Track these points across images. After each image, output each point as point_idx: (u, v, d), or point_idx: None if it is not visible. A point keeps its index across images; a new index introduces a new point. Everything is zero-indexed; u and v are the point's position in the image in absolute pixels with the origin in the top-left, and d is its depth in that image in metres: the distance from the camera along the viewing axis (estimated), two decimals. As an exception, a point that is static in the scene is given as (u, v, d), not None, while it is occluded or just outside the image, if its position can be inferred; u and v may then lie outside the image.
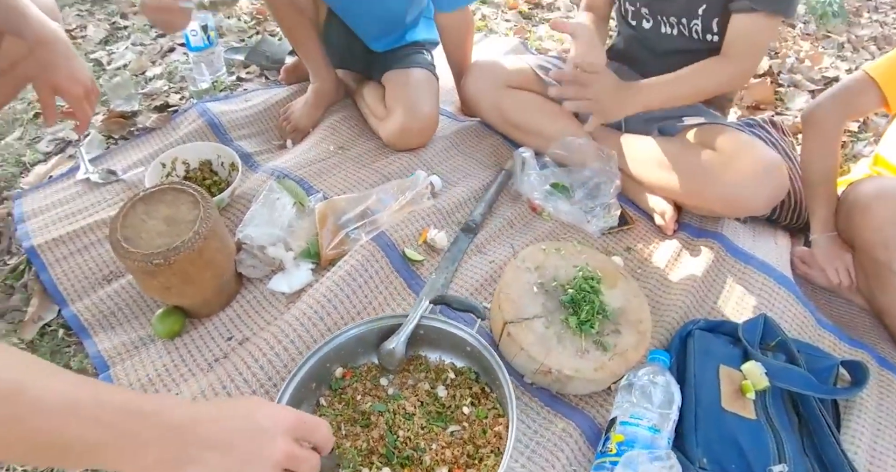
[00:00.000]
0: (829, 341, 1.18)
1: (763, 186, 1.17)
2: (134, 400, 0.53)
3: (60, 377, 0.51)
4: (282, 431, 0.57)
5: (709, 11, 1.25)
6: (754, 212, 1.26)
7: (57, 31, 1.09)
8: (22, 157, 1.54)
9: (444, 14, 1.45)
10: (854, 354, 1.16)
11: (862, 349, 1.18)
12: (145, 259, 0.90)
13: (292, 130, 1.60)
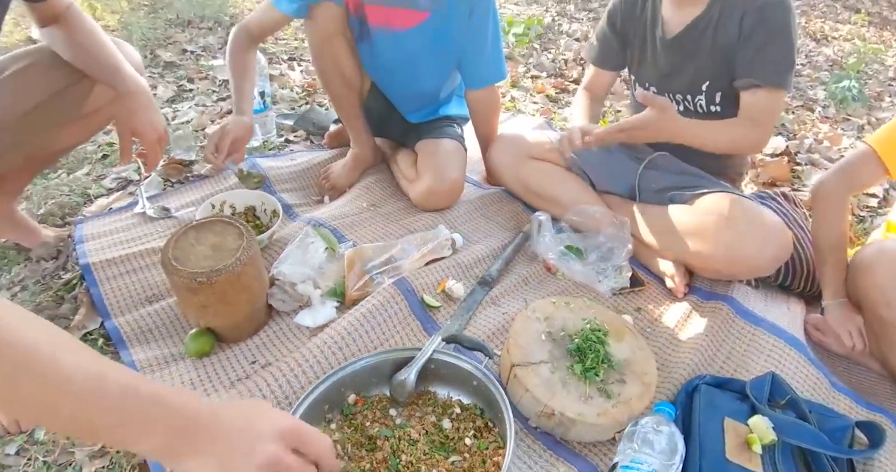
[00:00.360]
0: (845, 405, 1.17)
1: (766, 247, 1.23)
2: (153, 390, 0.58)
3: (89, 356, 0.57)
4: (276, 436, 0.60)
5: (711, 87, 1.38)
6: (759, 272, 1.31)
7: (142, 84, 1.26)
8: (87, 190, 1.71)
9: (473, 91, 1.62)
10: (871, 417, 1.15)
11: (880, 413, 1.16)
12: (190, 277, 1.00)
13: (330, 188, 1.74)
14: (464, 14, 1.45)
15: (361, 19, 1.49)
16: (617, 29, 1.53)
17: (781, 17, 1.27)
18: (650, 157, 1.53)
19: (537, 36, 3.87)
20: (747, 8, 1.28)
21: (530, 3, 5.48)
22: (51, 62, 1.20)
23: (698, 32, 1.35)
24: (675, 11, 1.39)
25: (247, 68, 1.61)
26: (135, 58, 1.34)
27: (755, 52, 1.28)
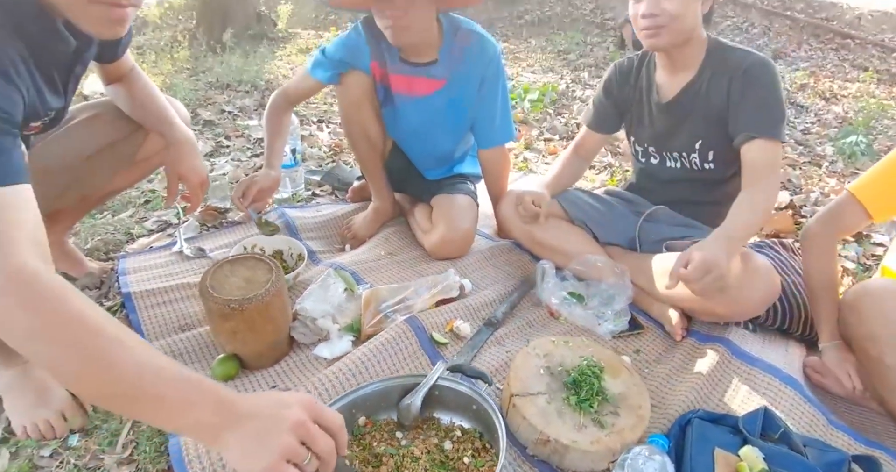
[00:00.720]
0: (843, 441, 1.19)
1: (755, 288, 1.31)
2: (198, 377, 0.72)
3: (153, 350, 0.72)
4: (300, 406, 0.72)
5: (704, 146, 1.50)
6: (749, 313, 1.38)
7: (190, 135, 1.43)
8: (130, 229, 1.87)
9: (484, 150, 1.77)
10: (870, 452, 1.16)
11: (879, 449, 1.18)
12: (224, 303, 1.11)
13: (352, 238, 1.88)
14: (475, 82, 1.63)
15: (386, 87, 1.68)
16: (613, 96, 1.67)
17: (766, 76, 1.39)
18: (649, 210, 1.64)
19: (552, 102, 4.10)
20: (734, 71, 1.40)
21: (546, 71, 5.80)
22: (113, 114, 1.38)
23: (691, 96, 1.49)
24: (668, 77, 1.53)
25: (281, 128, 1.78)
26: (183, 112, 1.53)
27: (746, 109, 1.39)
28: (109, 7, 0.86)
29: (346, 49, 1.64)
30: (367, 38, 1.61)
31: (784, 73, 6.63)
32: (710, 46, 1.47)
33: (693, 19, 1.39)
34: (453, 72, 1.62)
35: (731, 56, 1.43)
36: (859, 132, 3.60)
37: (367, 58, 1.64)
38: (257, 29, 7.13)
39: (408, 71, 1.63)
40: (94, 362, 0.67)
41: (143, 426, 1.13)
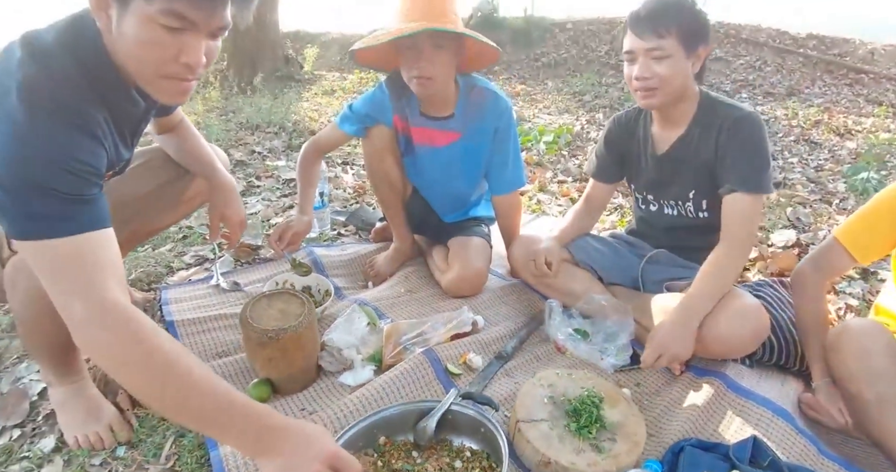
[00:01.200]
0: (834, 471, 1.26)
1: (745, 326, 1.40)
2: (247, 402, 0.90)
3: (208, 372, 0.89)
4: (326, 457, 0.89)
5: (697, 196, 1.62)
6: (742, 350, 1.47)
7: (231, 180, 1.60)
8: (170, 263, 2.05)
9: (497, 196, 1.93)
10: None
11: None
12: (263, 333, 1.26)
13: (374, 275, 2.03)
14: (489, 134, 1.80)
15: (408, 138, 1.85)
16: (613, 148, 1.78)
17: (751, 130, 1.48)
18: (650, 253, 1.76)
19: (566, 143, 4.25)
20: (722, 126, 1.50)
21: (562, 112, 5.99)
22: (162, 159, 1.56)
23: (683, 149, 1.60)
24: (662, 131, 1.65)
25: (313, 176, 1.96)
26: (223, 158, 1.70)
27: (730, 162, 1.48)
28: (178, 82, 1.02)
29: (371, 105, 1.82)
30: (391, 95, 1.79)
31: (798, 110, 6.72)
32: (702, 101, 1.57)
33: (684, 79, 1.49)
34: (469, 125, 1.79)
35: (721, 110, 1.52)
36: (871, 168, 3.63)
37: (391, 112, 1.81)
38: (285, 71, 7.48)
39: (427, 124, 1.80)
40: (170, 389, 0.85)
41: (185, 441, 1.26)
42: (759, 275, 2.24)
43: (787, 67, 9.45)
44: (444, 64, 1.61)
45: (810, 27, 10.72)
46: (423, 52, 1.57)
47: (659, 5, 1.46)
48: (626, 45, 1.52)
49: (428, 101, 1.76)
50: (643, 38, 1.45)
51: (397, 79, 1.74)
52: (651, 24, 1.44)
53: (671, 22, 1.43)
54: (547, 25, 10.35)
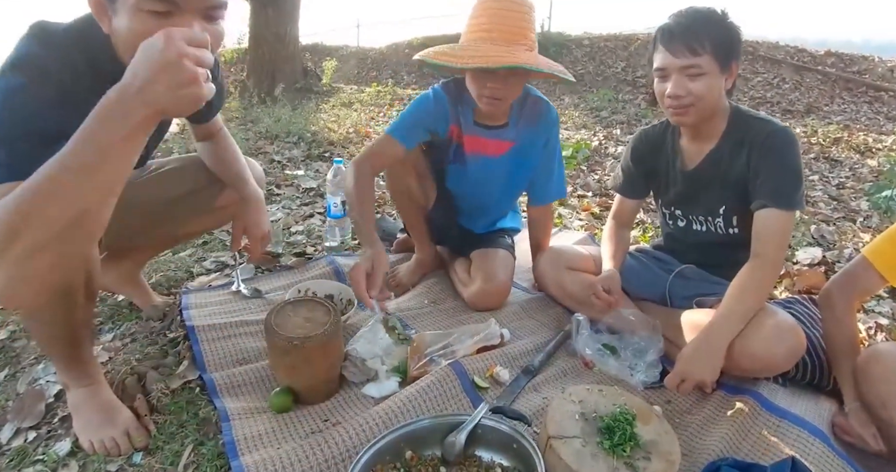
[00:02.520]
0: None
1: (780, 344, 1.35)
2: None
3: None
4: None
5: (728, 211, 1.57)
6: (776, 369, 1.41)
7: (258, 194, 1.58)
8: (191, 268, 2.04)
9: (536, 207, 1.90)
10: None
11: None
12: (287, 340, 1.23)
13: (396, 286, 2.00)
14: (541, 144, 1.78)
15: (459, 146, 1.80)
16: (640, 163, 1.75)
17: (784, 146, 1.44)
18: (679, 268, 1.72)
19: (585, 158, 4.24)
20: (754, 140, 1.46)
21: (580, 128, 5.98)
22: (197, 166, 1.58)
23: (713, 164, 1.56)
24: (692, 146, 1.61)
25: (371, 199, 1.73)
26: (258, 172, 1.70)
27: (763, 178, 1.44)
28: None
29: (426, 113, 1.74)
30: (447, 101, 1.73)
31: (817, 128, 6.67)
32: (732, 115, 1.54)
33: (718, 96, 1.46)
34: (522, 134, 1.76)
35: (753, 125, 1.49)
36: (894, 186, 3.58)
37: (448, 121, 1.75)
38: (304, 83, 7.56)
39: (481, 133, 1.76)
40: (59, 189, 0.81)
41: (204, 449, 1.23)
42: (787, 293, 2.19)
43: (805, 85, 9.41)
44: (515, 85, 1.58)
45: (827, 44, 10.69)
46: (497, 74, 1.52)
47: (692, 21, 1.42)
48: (657, 62, 1.48)
49: (488, 113, 1.71)
50: (677, 56, 1.42)
51: (457, 85, 1.71)
52: (685, 41, 1.40)
53: (705, 38, 1.40)
54: (564, 42, 10.42)
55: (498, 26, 1.49)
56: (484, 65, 1.45)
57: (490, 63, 1.45)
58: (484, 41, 1.49)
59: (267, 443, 1.22)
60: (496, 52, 1.46)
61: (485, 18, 1.51)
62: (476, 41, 1.51)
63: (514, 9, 1.50)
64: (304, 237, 2.39)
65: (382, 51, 11.48)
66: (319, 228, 2.49)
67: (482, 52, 1.47)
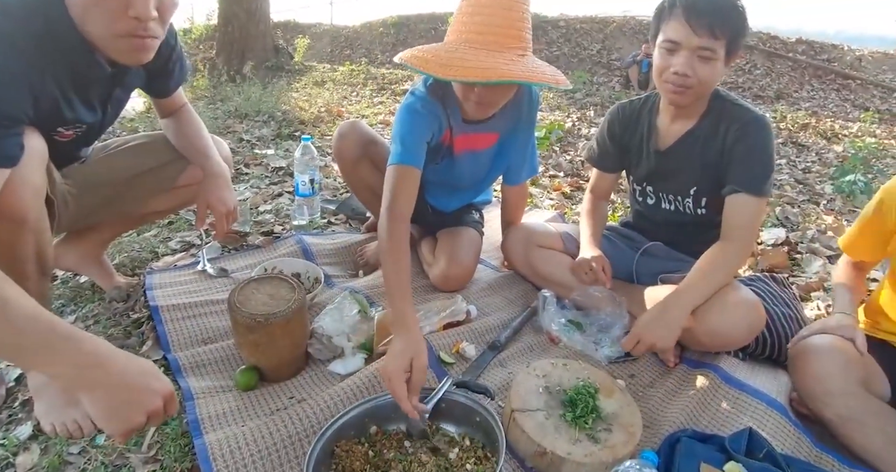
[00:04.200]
0: (828, 463, 1.26)
1: (741, 320, 1.40)
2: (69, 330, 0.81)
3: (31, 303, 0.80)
4: (161, 395, 0.86)
5: (698, 193, 1.59)
6: (736, 343, 1.45)
7: (224, 170, 1.55)
8: (155, 249, 2.00)
9: (509, 187, 1.89)
10: None
11: (862, 471, 1.23)
12: (251, 317, 1.22)
13: (364, 264, 1.99)
14: (523, 127, 1.74)
15: (450, 147, 1.69)
16: (615, 136, 1.73)
17: (760, 134, 1.45)
18: (645, 246, 1.75)
19: (558, 139, 4.24)
20: (731, 126, 1.47)
21: (553, 109, 5.98)
22: (161, 143, 1.55)
23: (688, 145, 1.56)
24: (669, 124, 1.60)
25: (407, 257, 1.40)
26: (225, 150, 1.67)
27: (737, 165, 1.46)
28: (131, 39, 1.08)
29: (426, 127, 1.57)
30: (433, 102, 1.57)
31: (786, 113, 6.79)
32: (713, 99, 1.53)
33: (715, 82, 1.46)
34: (506, 123, 1.71)
35: (732, 111, 1.50)
36: (857, 171, 3.68)
37: (442, 127, 1.61)
38: (275, 61, 7.40)
39: (469, 129, 1.66)
40: None
41: (168, 429, 1.22)
42: (750, 271, 2.24)
43: (776, 71, 9.55)
44: (506, 92, 1.48)
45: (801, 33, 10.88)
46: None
47: (720, 1, 1.39)
48: (670, 33, 1.40)
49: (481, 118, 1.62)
50: (697, 34, 1.37)
51: (441, 88, 1.57)
52: (710, 21, 1.36)
53: (727, 23, 1.37)
54: (539, 23, 10.35)
55: (492, 29, 1.29)
56: (472, 79, 1.26)
57: (479, 77, 1.24)
58: (473, 46, 1.28)
59: (231, 421, 1.21)
60: (487, 62, 1.25)
61: (479, 16, 1.30)
62: (465, 45, 1.30)
63: (512, 6, 1.29)
64: (273, 216, 2.35)
65: (356, 29, 11.28)
66: (288, 206, 2.46)
67: (471, 62, 1.25)
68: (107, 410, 0.83)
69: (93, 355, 0.82)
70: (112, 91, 1.30)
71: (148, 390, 0.86)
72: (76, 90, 1.19)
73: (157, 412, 0.87)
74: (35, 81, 1.06)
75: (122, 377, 0.84)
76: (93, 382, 0.82)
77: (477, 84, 1.34)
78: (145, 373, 0.88)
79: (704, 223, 1.60)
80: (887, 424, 1.27)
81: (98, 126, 1.34)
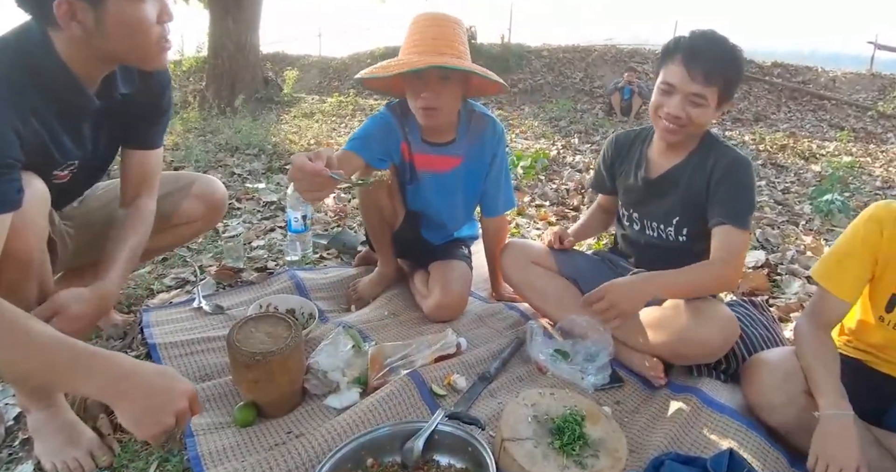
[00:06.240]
0: None
1: (716, 330, 1.48)
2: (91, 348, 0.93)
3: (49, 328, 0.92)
4: (186, 396, 0.97)
5: (680, 223, 1.68)
6: (713, 354, 1.53)
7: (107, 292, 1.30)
8: (151, 285, 2.04)
9: (488, 219, 1.97)
10: None
11: None
12: (250, 355, 1.27)
13: (357, 299, 2.04)
14: (488, 158, 1.86)
15: (412, 165, 1.86)
16: (608, 164, 1.87)
17: (743, 173, 1.57)
18: (631, 272, 1.82)
19: (543, 168, 4.34)
20: (717, 164, 1.58)
21: (538, 138, 6.12)
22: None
23: (675, 178, 1.67)
24: (659, 156, 1.71)
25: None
26: (220, 190, 1.69)
27: (723, 199, 1.56)
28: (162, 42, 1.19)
29: (378, 129, 1.78)
30: (393, 121, 1.80)
31: (765, 135, 6.98)
32: (704, 137, 1.65)
33: (707, 124, 1.59)
34: (469, 150, 1.84)
35: (720, 151, 1.62)
36: (835, 190, 3.79)
37: (398, 138, 1.81)
38: (264, 93, 7.53)
39: (429, 150, 1.83)
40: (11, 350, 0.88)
41: (170, 466, 1.25)
42: (731, 295, 2.32)
43: (754, 94, 9.83)
44: (449, 95, 1.65)
45: (776, 55, 11.21)
46: (428, 83, 1.60)
47: (719, 51, 1.49)
48: (669, 77, 1.53)
49: (431, 129, 1.78)
50: (694, 80, 1.48)
51: (402, 106, 1.77)
52: (706, 68, 1.47)
53: (722, 72, 1.48)
54: (523, 53, 10.63)
55: (427, 41, 1.59)
56: (407, 68, 1.54)
57: (413, 66, 1.53)
58: (412, 54, 1.59)
59: (231, 457, 1.25)
60: (421, 58, 1.55)
61: (417, 35, 1.62)
62: (406, 56, 1.61)
63: (441, 23, 1.62)
64: (265, 252, 2.41)
65: (345, 60, 11.49)
66: (280, 242, 2.52)
67: (408, 60, 1.57)
68: (139, 415, 0.93)
69: (122, 367, 0.93)
70: (102, 123, 1.32)
71: (174, 391, 0.95)
72: (63, 126, 1.21)
73: (184, 412, 0.96)
74: (18, 124, 1.08)
75: (151, 383, 0.94)
76: (126, 391, 0.92)
77: (406, 72, 1.56)
78: (168, 376, 0.98)
79: (685, 250, 1.69)
80: None
81: (92, 162, 1.35)
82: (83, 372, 0.91)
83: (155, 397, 0.94)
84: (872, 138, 7.91)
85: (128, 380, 0.93)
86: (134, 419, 0.93)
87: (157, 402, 0.94)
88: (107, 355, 0.94)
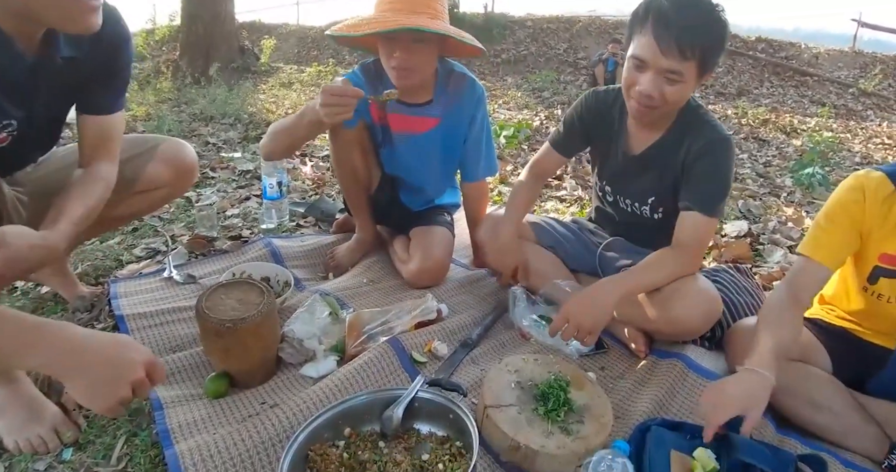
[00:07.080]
0: (791, 445, 1.30)
1: (698, 308, 1.44)
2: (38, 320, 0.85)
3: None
4: (143, 364, 0.89)
5: (655, 201, 1.62)
6: (695, 331, 1.50)
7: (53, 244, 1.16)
8: (119, 256, 1.95)
9: (469, 183, 1.91)
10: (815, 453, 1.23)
11: (824, 452, 1.26)
12: (219, 323, 1.20)
13: (335, 267, 1.97)
14: (466, 120, 1.78)
15: (385, 127, 1.79)
16: (586, 124, 1.67)
17: (721, 154, 1.45)
18: (607, 241, 1.78)
19: (526, 138, 4.28)
20: (696, 141, 1.46)
21: (522, 108, 6.04)
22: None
23: (653, 156, 1.56)
24: (638, 131, 1.58)
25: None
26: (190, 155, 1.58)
27: (695, 183, 1.47)
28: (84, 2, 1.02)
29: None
30: (366, 81, 1.73)
31: (747, 110, 6.98)
32: (684, 111, 1.50)
33: (683, 101, 1.44)
34: (447, 111, 1.76)
35: (699, 128, 1.48)
36: (815, 164, 3.82)
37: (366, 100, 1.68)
38: (240, 62, 7.30)
39: (405, 111, 1.75)
40: None
41: (137, 440, 1.20)
42: (714, 262, 2.30)
43: (737, 69, 9.81)
44: (424, 56, 1.58)
45: (759, 31, 11.19)
46: (401, 43, 1.53)
47: (693, 17, 1.29)
48: (638, 50, 1.35)
49: (406, 89, 1.67)
50: (665, 55, 1.30)
51: (376, 66, 1.69)
52: (678, 41, 1.28)
53: (699, 43, 1.29)
54: (506, 22, 10.44)
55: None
56: (378, 29, 1.48)
57: (384, 27, 1.48)
58: (386, 11, 1.53)
59: (202, 429, 1.19)
60: (394, 18, 1.49)
61: None
62: (380, 13, 1.54)
63: None
64: (241, 220, 2.32)
65: (323, 29, 11.19)
66: (256, 210, 2.43)
67: (381, 18, 1.51)
68: (92, 388, 0.86)
69: (71, 340, 0.85)
70: (38, 84, 1.18)
71: (129, 361, 0.88)
72: None
73: (142, 382, 0.89)
74: None
75: (103, 354, 0.87)
76: (77, 364, 0.85)
77: (379, 33, 1.51)
78: (122, 345, 0.90)
79: (659, 226, 1.63)
80: (812, 390, 1.33)
81: (35, 124, 1.23)
82: (28, 347, 0.83)
83: (108, 368, 0.86)
84: (853, 115, 7.97)
85: (77, 353, 0.85)
86: (86, 392, 0.86)
87: (111, 373, 0.87)
88: (55, 326, 0.86)
